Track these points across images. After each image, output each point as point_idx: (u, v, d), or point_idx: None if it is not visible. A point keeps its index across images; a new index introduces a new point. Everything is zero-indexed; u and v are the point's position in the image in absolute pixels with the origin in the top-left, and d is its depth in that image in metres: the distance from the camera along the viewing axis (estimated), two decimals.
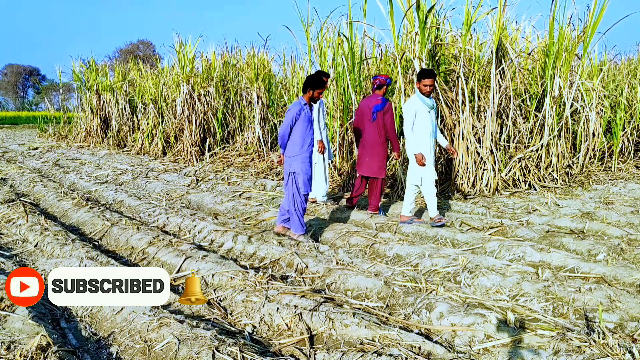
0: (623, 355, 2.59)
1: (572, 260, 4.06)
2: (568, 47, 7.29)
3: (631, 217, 5.43)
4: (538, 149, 7.40)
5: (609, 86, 9.44)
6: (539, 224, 5.29)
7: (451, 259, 4.14)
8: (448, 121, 7.12)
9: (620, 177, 8.12)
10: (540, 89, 7.62)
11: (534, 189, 7.02)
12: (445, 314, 3.14)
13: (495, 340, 2.85)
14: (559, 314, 3.23)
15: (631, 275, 3.72)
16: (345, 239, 4.89)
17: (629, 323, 3.03)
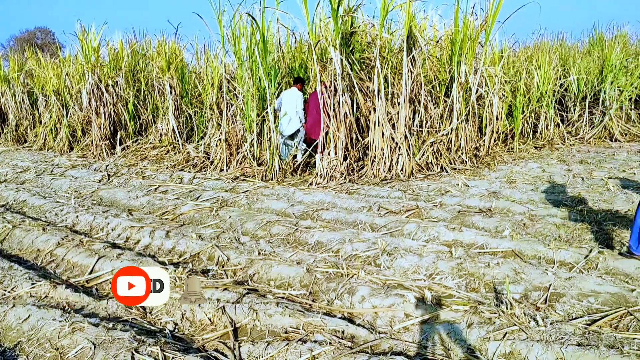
0: (528, 323, 2.79)
1: (481, 237, 4.31)
2: (472, 36, 7.67)
3: (532, 194, 5.84)
4: (448, 133, 7.75)
5: (509, 72, 10.04)
6: (451, 204, 5.56)
7: (371, 242, 4.26)
8: (363, 108, 7.27)
9: (521, 157, 8.71)
10: (448, 75, 7.97)
11: (446, 171, 7.36)
12: (366, 296, 3.22)
13: (414, 318, 2.98)
14: (471, 288, 3.43)
15: (533, 248, 4.02)
16: (266, 229, 4.87)
17: (532, 293, 3.27)
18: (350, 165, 7.30)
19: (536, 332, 2.71)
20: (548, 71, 10.11)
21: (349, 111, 7.08)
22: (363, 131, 7.52)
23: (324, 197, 6.02)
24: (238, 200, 6.03)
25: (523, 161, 8.24)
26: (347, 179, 6.99)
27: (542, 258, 3.91)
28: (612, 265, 3.61)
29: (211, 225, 5.18)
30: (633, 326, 2.78)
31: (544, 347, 2.54)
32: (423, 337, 2.80)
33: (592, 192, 5.78)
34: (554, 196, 5.67)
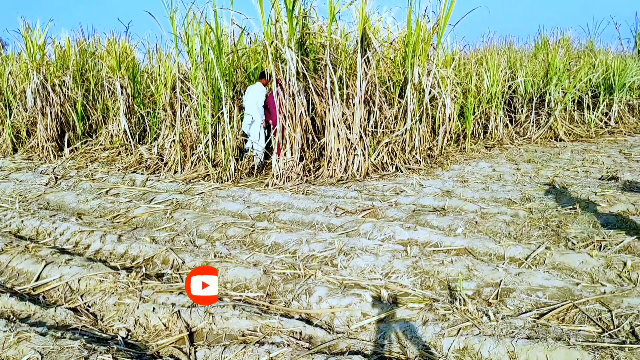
0: (481, 319, 2.87)
1: (435, 236, 4.40)
2: (424, 38, 7.82)
3: (483, 192, 6.01)
4: (403, 133, 7.87)
5: (460, 74, 10.30)
6: (406, 204, 5.65)
7: (327, 243, 4.27)
8: (319, 109, 7.29)
9: (473, 157, 8.95)
10: (402, 77, 8.09)
11: (401, 171, 7.47)
12: (324, 297, 3.23)
13: (371, 317, 3.01)
14: (426, 286, 3.49)
15: (485, 245, 4.14)
16: (222, 231, 4.81)
17: (484, 289, 3.36)
18: (307, 166, 7.32)
19: (488, 327, 2.79)
20: (497, 73, 10.43)
21: (304, 112, 7.09)
22: (319, 132, 7.55)
23: (280, 198, 6.00)
24: (193, 202, 5.93)
25: (474, 161, 8.47)
26: (304, 180, 6.99)
27: (494, 255, 4.02)
28: (559, 260, 3.76)
29: (165, 228, 5.07)
30: (578, 318, 2.91)
31: (495, 341, 2.61)
32: (380, 336, 2.84)
33: (539, 190, 6.00)
34: (504, 194, 5.85)
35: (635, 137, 11.41)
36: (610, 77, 12.44)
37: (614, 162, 7.94)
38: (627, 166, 7.47)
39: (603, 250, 3.95)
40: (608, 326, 2.80)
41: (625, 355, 2.44)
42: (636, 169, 7.21)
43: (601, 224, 4.61)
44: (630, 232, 4.28)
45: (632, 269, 3.50)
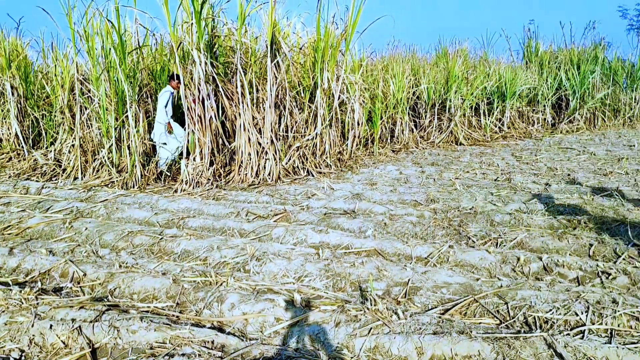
0: (390, 317, 2.96)
1: (346, 238, 4.49)
2: (333, 44, 7.98)
3: (391, 195, 6.23)
4: (313, 137, 7.97)
5: (368, 80, 10.62)
6: (318, 207, 5.71)
7: (239, 248, 4.22)
8: (229, 113, 7.19)
9: (381, 161, 9.25)
10: (312, 82, 8.20)
11: (312, 175, 7.55)
12: (236, 304, 3.18)
13: (284, 322, 3.00)
14: (339, 288, 3.55)
15: (393, 246, 4.28)
16: (128, 240, 4.59)
17: (394, 288, 3.48)
18: (217, 171, 7.18)
19: (397, 325, 2.89)
20: (402, 80, 10.87)
21: (214, 116, 6.96)
22: (230, 136, 7.44)
23: (190, 204, 5.84)
24: (95, 210, 5.61)
25: (382, 164, 8.75)
26: (214, 185, 6.86)
27: (402, 255, 4.18)
28: (461, 258, 3.98)
29: (64, 238, 4.75)
30: (479, 312, 3.09)
31: (404, 338, 2.71)
32: (293, 340, 2.84)
33: (443, 192, 6.32)
34: (411, 196, 6.10)
35: (525, 141, 12.37)
36: (502, 85, 13.41)
37: (507, 164, 8.55)
38: (519, 168, 8.08)
39: (499, 246, 4.24)
40: (505, 318, 3.00)
41: (520, 344, 2.63)
42: (526, 170, 7.82)
43: (497, 222, 4.94)
44: (522, 229, 4.63)
45: (525, 263, 3.79)
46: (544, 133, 14.14)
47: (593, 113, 15.69)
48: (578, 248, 4.13)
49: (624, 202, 5.46)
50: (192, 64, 6.81)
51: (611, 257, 3.89)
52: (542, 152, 10.08)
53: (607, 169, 7.68)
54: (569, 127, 14.92)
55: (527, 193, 6.11)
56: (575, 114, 15.14)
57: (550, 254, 3.96)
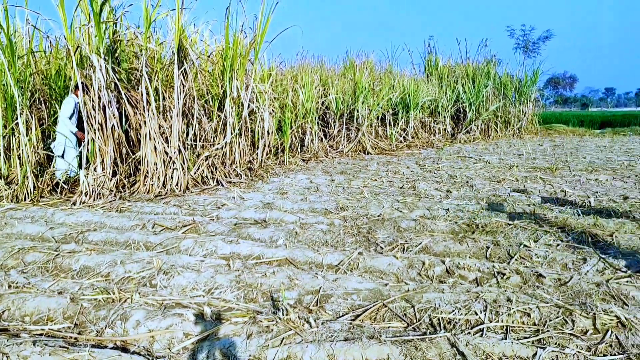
0: (302, 326, 2.97)
1: (257, 248, 4.45)
2: (242, 53, 7.94)
3: (302, 204, 6.27)
4: (223, 147, 7.85)
5: (278, 89, 10.68)
6: (228, 217, 5.62)
7: (145, 262, 4.04)
8: (133, 121, 6.89)
9: (291, 170, 9.30)
10: (221, 90, 8.08)
11: (222, 184, 7.42)
12: (142, 321, 3.04)
13: (194, 336, 2.91)
14: (250, 299, 3.50)
15: (305, 255, 4.31)
16: (19, 257, 4.23)
17: (305, 297, 3.49)
18: (121, 182, 6.85)
19: (310, 333, 2.90)
20: (311, 90, 11.03)
21: (117, 124, 6.63)
22: (135, 145, 7.13)
23: (90, 217, 5.50)
24: None
25: (293, 173, 8.80)
26: (118, 196, 6.53)
27: (313, 263, 4.21)
28: (370, 264, 4.08)
29: None
30: (388, 316, 3.18)
31: (316, 346, 2.73)
32: (203, 355, 2.75)
33: (352, 200, 6.47)
34: (321, 205, 6.18)
35: (428, 150, 13.00)
36: (406, 97, 14.03)
37: (412, 172, 8.94)
38: (422, 176, 8.47)
39: (406, 252, 4.41)
40: (412, 320, 3.12)
41: (426, 345, 2.74)
42: (429, 178, 8.22)
43: (404, 229, 5.14)
44: (427, 234, 4.85)
45: (429, 267, 3.96)
46: (445, 142, 14.96)
47: (487, 124, 16.87)
48: (477, 251, 4.39)
49: (515, 206, 5.89)
50: (92, 69, 6.45)
51: (505, 259, 4.18)
52: (443, 160, 10.65)
53: (500, 176, 8.26)
54: (467, 137, 15.91)
55: (430, 200, 6.41)
56: (472, 124, 16.18)
57: (452, 258, 4.17)
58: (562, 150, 12.91)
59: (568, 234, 4.74)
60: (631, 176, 8.05)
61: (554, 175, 8.34)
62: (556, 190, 6.85)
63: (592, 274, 3.74)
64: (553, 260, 4.03)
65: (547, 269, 3.89)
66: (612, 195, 6.45)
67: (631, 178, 7.85)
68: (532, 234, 4.78)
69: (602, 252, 4.22)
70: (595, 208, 5.73)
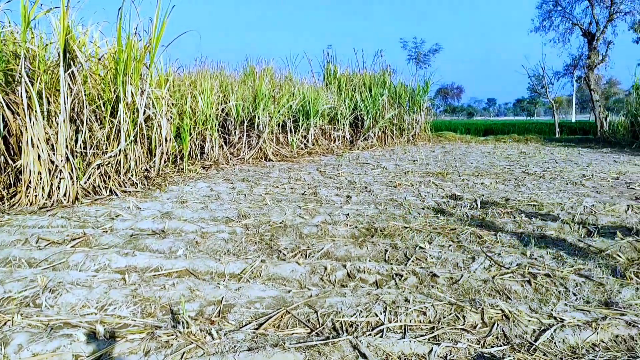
0: (204, 338, 2.88)
1: (156, 259, 4.26)
2: (137, 56, 7.60)
3: (202, 212, 6.12)
4: (116, 154, 7.45)
5: (175, 95, 10.35)
6: (123, 229, 5.33)
7: (29, 280, 3.71)
8: (13, 127, 6.33)
9: (191, 178, 9.04)
10: (113, 95, 7.67)
11: (116, 194, 7.03)
12: (25, 344, 2.78)
13: (85, 358, 2.71)
14: (148, 314, 3.34)
15: (206, 265, 4.19)
16: None
17: (207, 308, 3.39)
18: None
19: (212, 345, 2.82)
20: (211, 96, 10.83)
21: None
22: (15, 153, 6.55)
23: None
24: None
25: (193, 181, 8.57)
26: None
27: (215, 273, 4.11)
28: (273, 272, 4.07)
29: None
30: (291, 323, 3.19)
31: (219, 358, 2.66)
32: None
33: (254, 207, 6.42)
34: (222, 213, 6.06)
35: (328, 156, 13.28)
36: (307, 104, 14.24)
37: (313, 179, 9.07)
38: (323, 182, 8.62)
39: (308, 258, 4.45)
40: (315, 326, 3.15)
41: (329, 349, 2.77)
42: (330, 184, 8.38)
43: (306, 235, 5.18)
44: (328, 239, 4.94)
45: (331, 272, 4.03)
46: (344, 149, 15.36)
47: (384, 132, 17.59)
48: (376, 254, 4.54)
49: (411, 210, 6.18)
50: None
51: (403, 261, 4.36)
52: (343, 167, 10.93)
53: (397, 181, 8.64)
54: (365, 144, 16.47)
55: (331, 205, 6.54)
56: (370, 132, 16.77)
57: (353, 262, 4.28)
58: (451, 156, 13.77)
59: (459, 235, 5.05)
60: (511, 180, 8.77)
61: (445, 179, 8.86)
62: (447, 194, 7.28)
63: (480, 272, 4.02)
64: (446, 260, 4.28)
65: (441, 268, 4.11)
66: (495, 197, 6.98)
67: (511, 181, 8.56)
68: (427, 236, 5.04)
69: (488, 250, 4.55)
70: (482, 209, 6.16)
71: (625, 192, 7.32)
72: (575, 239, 4.87)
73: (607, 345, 2.82)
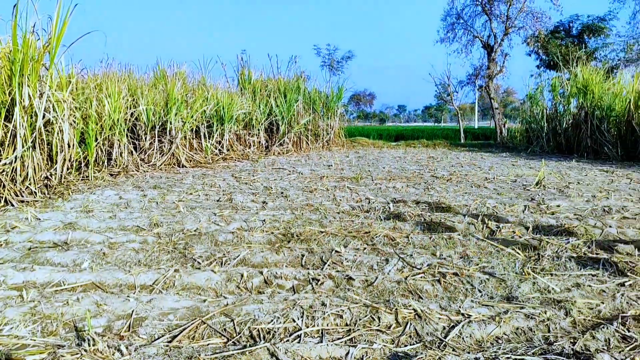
0: (113, 355, 2.72)
1: (58, 274, 3.98)
2: (34, 56, 7.09)
3: (110, 222, 5.81)
4: (12, 161, 6.89)
5: (79, 98, 9.77)
6: (20, 241, 4.94)
7: None
8: None
9: (97, 186, 8.57)
10: (8, 97, 7.10)
11: (12, 204, 6.50)
12: None
13: None
14: (49, 332, 3.11)
15: (114, 277, 3.98)
16: None
17: (116, 322, 3.22)
18: None
19: None
20: (118, 100, 10.35)
21: None
22: None
23: None
24: None
25: (100, 189, 8.13)
26: None
27: (124, 285, 3.91)
28: (187, 281, 3.94)
29: None
30: (207, 333, 3.10)
31: None
32: None
33: (166, 215, 6.20)
34: (132, 222, 5.79)
35: (243, 162, 13.14)
36: (221, 109, 14.02)
37: (228, 185, 8.92)
38: (239, 189, 8.51)
39: (224, 265, 4.35)
40: (232, 335, 3.08)
41: (247, 357, 2.72)
42: (246, 190, 8.29)
43: (221, 242, 5.08)
44: (244, 246, 4.87)
45: (248, 279, 3.97)
46: (260, 155, 15.29)
47: (299, 137, 17.72)
48: (293, 259, 4.54)
49: (327, 215, 6.26)
50: None
51: (319, 265, 4.40)
52: (258, 172, 10.86)
53: (312, 186, 8.71)
54: (280, 149, 16.49)
55: (247, 212, 6.46)
56: (285, 137, 16.82)
57: (270, 268, 4.25)
58: (365, 161, 14.13)
59: (373, 238, 5.18)
60: (421, 183, 9.15)
61: (359, 184, 9.07)
62: (361, 198, 7.45)
63: (393, 273, 4.14)
64: (361, 263, 4.36)
65: (356, 271, 4.19)
66: (407, 200, 7.24)
67: (421, 185, 8.92)
68: (342, 239, 5.12)
69: (401, 252, 4.70)
70: (394, 213, 6.37)
71: (523, 194, 7.88)
72: (479, 238, 5.16)
73: (509, 337, 3.00)
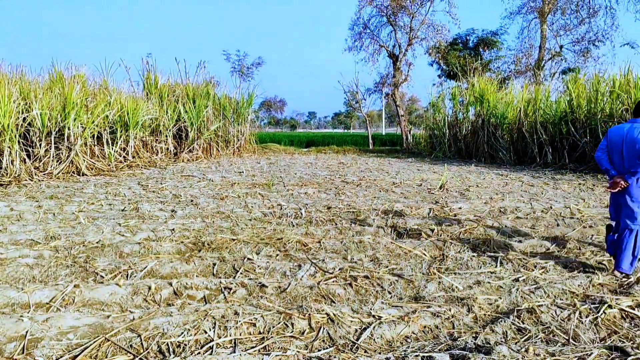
0: None
1: None
2: None
3: (0, 236, 5.33)
4: None
5: None
6: None
7: None
8: None
9: None
10: None
11: None
12: None
13: None
14: None
15: (5, 295, 3.65)
16: None
17: (8, 345, 2.95)
18: None
19: None
20: (9, 104, 9.58)
21: None
22: None
23: None
24: None
25: None
26: None
27: (17, 304, 3.60)
28: (89, 296, 3.70)
29: None
30: (111, 351, 2.92)
31: None
32: None
33: (65, 227, 5.80)
34: (26, 235, 5.36)
35: (151, 169, 12.64)
36: (125, 115, 13.40)
37: (134, 193, 8.52)
38: (146, 197, 8.16)
39: (130, 278, 4.15)
40: (139, 351, 2.93)
41: None
42: (153, 199, 7.97)
43: (127, 253, 4.83)
44: (152, 257, 4.67)
45: (156, 291, 3.81)
46: (168, 162, 14.80)
47: (209, 143, 17.37)
48: (204, 269, 4.42)
49: (239, 222, 6.17)
50: None
51: (231, 273, 4.32)
52: (167, 180, 10.49)
53: (224, 193, 8.56)
54: (190, 156, 16.07)
55: (155, 221, 6.21)
56: (194, 144, 16.42)
57: (180, 278, 4.10)
58: (277, 167, 14.13)
59: (285, 244, 5.17)
60: (332, 188, 9.30)
61: (271, 190, 9.04)
62: (273, 204, 7.43)
63: (306, 279, 4.16)
64: (273, 270, 4.34)
65: (269, 278, 4.16)
66: (318, 206, 7.32)
67: (332, 190, 9.07)
68: (255, 247, 5.07)
69: (313, 257, 4.74)
70: (306, 218, 6.41)
71: (428, 197, 8.26)
72: (388, 241, 5.33)
73: (418, 336, 3.12)
